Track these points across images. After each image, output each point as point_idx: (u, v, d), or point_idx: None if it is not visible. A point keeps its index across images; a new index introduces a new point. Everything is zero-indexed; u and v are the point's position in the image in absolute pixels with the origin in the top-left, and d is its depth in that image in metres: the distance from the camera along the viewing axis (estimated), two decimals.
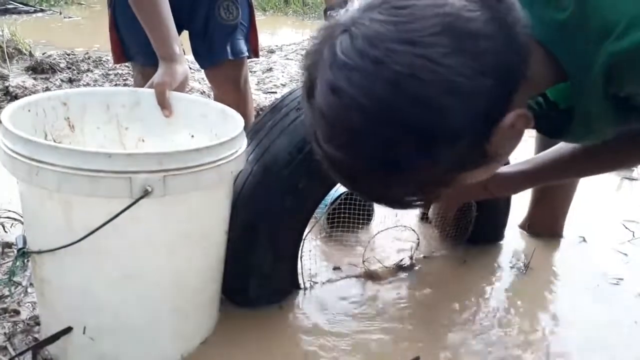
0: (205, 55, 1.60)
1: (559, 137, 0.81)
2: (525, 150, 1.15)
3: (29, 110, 1.02)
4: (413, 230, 1.44)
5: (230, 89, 1.65)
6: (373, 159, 0.59)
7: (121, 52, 1.57)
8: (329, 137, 0.60)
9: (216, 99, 1.70)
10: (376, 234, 1.42)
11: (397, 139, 0.57)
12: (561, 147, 1.00)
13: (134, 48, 1.52)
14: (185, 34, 1.60)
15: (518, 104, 0.61)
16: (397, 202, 0.69)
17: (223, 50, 1.57)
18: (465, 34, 0.55)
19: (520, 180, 1.08)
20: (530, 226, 1.60)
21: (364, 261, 1.35)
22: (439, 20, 0.55)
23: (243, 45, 1.61)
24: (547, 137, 0.82)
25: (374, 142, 0.57)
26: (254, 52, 1.68)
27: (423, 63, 0.54)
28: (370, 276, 1.34)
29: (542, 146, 1.35)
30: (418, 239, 1.43)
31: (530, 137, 1.68)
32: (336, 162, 0.62)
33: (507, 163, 1.17)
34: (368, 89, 0.55)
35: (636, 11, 0.60)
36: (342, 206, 1.42)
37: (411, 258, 1.40)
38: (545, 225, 1.59)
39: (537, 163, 1.04)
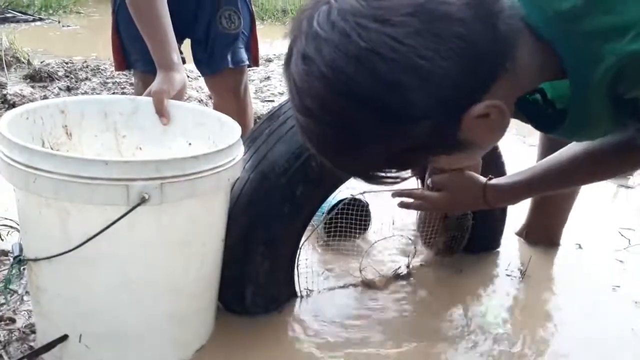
0: (206, 63, 1.61)
1: (551, 131, 0.80)
2: (528, 157, 1.15)
3: (27, 118, 1.02)
4: (410, 239, 1.44)
5: (230, 97, 1.66)
6: (335, 128, 0.61)
7: (122, 59, 1.58)
8: (297, 105, 0.62)
9: (215, 107, 1.71)
10: (373, 243, 1.42)
11: (356, 112, 0.58)
12: (558, 155, 1.00)
13: (135, 55, 1.53)
14: (188, 42, 1.61)
15: (497, 95, 0.61)
16: (366, 176, 0.70)
17: (224, 58, 1.59)
18: (435, 17, 0.55)
19: (518, 190, 1.08)
20: (528, 234, 1.60)
21: (361, 270, 1.35)
22: (412, 1, 0.56)
23: (244, 54, 1.63)
24: (538, 130, 0.82)
25: (336, 112, 0.59)
26: (254, 60, 1.70)
27: (386, 40, 0.55)
28: (367, 285, 1.34)
29: (544, 153, 1.35)
30: (415, 247, 1.43)
31: (531, 145, 1.69)
32: (306, 130, 0.64)
33: (503, 166, 1.17)
34: (333, 61, 0.56)
35: None
36: (339, 214, 1.42)
37: (408, 267, 1.40)
38: (543, 234, 1.59)
39: (535, 173, 1.05)
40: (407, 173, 0.70)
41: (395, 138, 0.60)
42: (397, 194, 1.20)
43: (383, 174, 0.68)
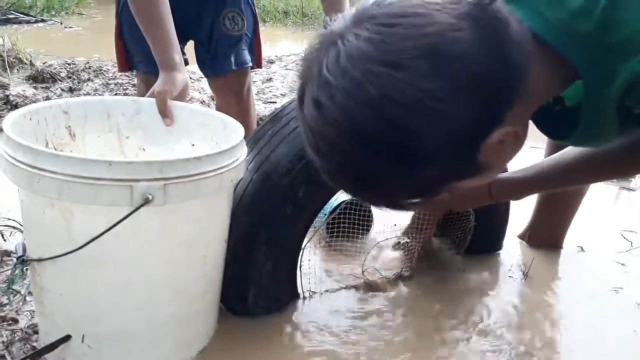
0: (209, 64, 1.61)
1: (561, 139, 0.81)
2: (530, 158, 1.15)
3: (31, 119, 1.02)
4: (413, 240, 1.44)
5: (233, 99, 1.66)
6: (351, 170, 0.62)
7: (125, 60, 1.58)
8: (312, 146, 0.63)
9: (218, 108, 1.71)
10: (376, 244, 1.42)
11: (370, 156, 0.59)
12: (565, 153, 1.00)
13: (138, 56, 1.53)
14: (191, 43, 1.62)
15: (513, 120, 0.61)
16: (388, 206, 0.70)
17: (227, 60, 1.58)
18: (446, 57, 0.55)
19: (522, 185, 1.08)
20: (531, 237, 1.60)
21: (363, 271, 1.35)
22: (421, 42, 0.55)
23: (247, 56, 1.63)
24: (549, 138, 0.83)
25: (351, 157, 0.60)
26: (257, 62, 1.69)
27: (399, 86, 0.55)
28: (370, 286, 1.34)
29: (551, 153, 1.35)
30: (418, 249, 1.42)
31: (532, 147, 1.69)
32: (322, 168, 0.65)
33: (506, 170, 1.17)
34: (346, 108, 0.57)
35: None
36: (342, 215, 1.42)
37: (411, 268, 1.40)
38: (546, 238, 1.59)
39: (541, 169, 1.04)
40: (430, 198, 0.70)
41: (411, 177, 0.61)
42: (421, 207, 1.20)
43: (407, 202, 0.69)
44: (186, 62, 1.43)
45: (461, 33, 0.56)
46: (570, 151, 0.99)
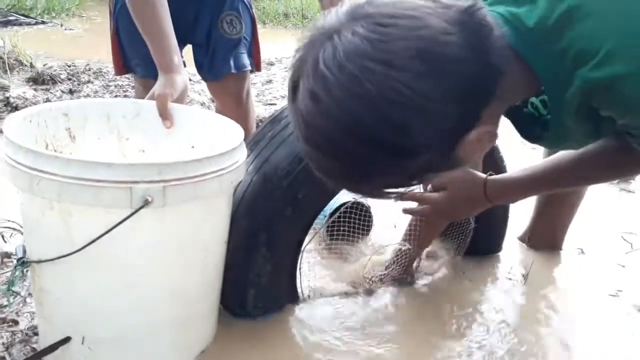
0: (208, 68, 1.61)
1: (537, 142, 0.86)
2: (529, 160, 1.15)
3: (31, 121, 1.02)
4: (412, 246, 1.43)
5: (232, 103, 1.65)
6: (343, 163, 0.65)
7: (122, 64, 1.58)
8: (306, 138, 0.65)
9: (218, 111, 1.71)
10: (376, 250, 1.41)
11: (363, 149, 0.62)
12: (561, 155, 1.00)
13: (135, 59, 1.53)
14: (189, 47, 1.61)
15: (487, 119, 0.66)
16: (369, 196, 0.76)
17: (226, 64, 1.58)
18: (437, 59, 0.59)
19: (518, 186, 1.08)
20: (530, 239, 1.60)
21: (363, 275, 1.35)
22: (415, 43, 0.59)
23: (246, 59, 1.62)
24: (526, 140, 0.88)
25: (344, 149, 0.63)
26: (257, 66, 1.69)
27: (393, 84, 0.58)
28: (370, 290, 1.34)
29: (547, 155, 1.35)
30: (420, 255, 1.42)
31: (532, 149, 1.69)
32: (313, 160, 0.68)
33: (505, 169, 1.17)
34: (342, 102, 0.59)
35: (615, 42, 0.63)
36: (341, 217, 1.42)
37: (411, 272, 1.40)
38: (546, 240, 1.58)
39: (536, 171, 1.05)
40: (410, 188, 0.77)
41: (399, 170, 0.65)
42: (399, 198, 1.20)
43: (386, 192, 0.73)
44: (184, 64, 1.43)
45: (452, 37, 0.60)
46: (567, 152, 0.99)
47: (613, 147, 0.87)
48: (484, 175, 1.11)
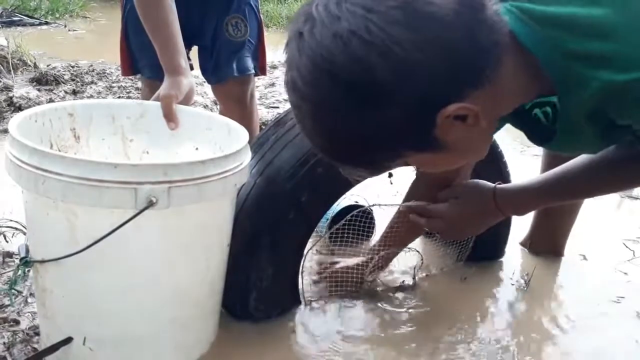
0: (212, 71, 1.61)
1: (544, 145, 0.85)
2: (531, 168, 1.15)
3: (36, 121, 1.02)
4: (417, 250, 1.43)
5: (235, 106, 1.65)
6: (314, 103, 0.65)
7: (129, 65, 1.58)
8: (286, 78, 0.67)
9: (221, 114, 1.71)
10: (380, 254, 1.41)
11: (332, 88, 0.62)
12: (573, 164, 0.99)
13: (143, 61, 1.54)
14: (195, 49, 1.62)
15: (477, 102, 0.64)
16: (351, 162, 0.72)
17: (229, 67, 1.58)
18: (418, 14, 0.60)
19: (527, 196, 1.06)
20: (532, 244, 1.60)
21: (366, 279, 1.35)
22: None
23: (250, 63, 1.62)
24: (533, 142, 0.85)
25: (315, 86, 0.63)
26: (262, 69, 1.69)
27: (367, 24, 0.59)
28: (371, 294, 1.33)
29: (547, 165, 1.35)
30: (422, 259, 1.42)
31: (534, 155, 1.69)
32: (295, 107, 0.68)
33: (508, 176, 1.15)
34: (320, 39, 0.61)
35: None
36: (344, 221, 1.42)
37: (414, 278, 1.40)
38: (547, 244, 1.58)
39: (546, 181, 1.03)
40: (388, 167, 0.74)
41: (367, 121, 0.63)
42: (407, 210, 1.19)
43: (367, 162, 0.71)
44: (191, 68, 1.43)
45: (442, 1, 0.60)
46: (577, 161, 0.97)
47: (629, 156, 0.86)
48: (492, 185, 1.10)
